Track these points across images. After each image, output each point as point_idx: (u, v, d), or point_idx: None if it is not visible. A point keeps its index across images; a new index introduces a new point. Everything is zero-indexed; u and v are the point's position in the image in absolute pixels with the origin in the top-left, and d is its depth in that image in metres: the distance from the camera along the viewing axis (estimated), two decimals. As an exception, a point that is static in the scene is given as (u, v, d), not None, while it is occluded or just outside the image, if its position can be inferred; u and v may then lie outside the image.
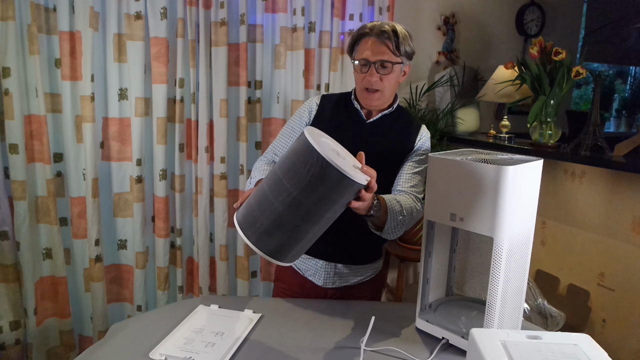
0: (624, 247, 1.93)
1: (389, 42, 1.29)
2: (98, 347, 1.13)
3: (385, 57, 1.30)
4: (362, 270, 1.49)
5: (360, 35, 1.33)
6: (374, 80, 1.32)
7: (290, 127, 1.47)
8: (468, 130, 2.81)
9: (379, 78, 1.32)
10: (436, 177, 1.12)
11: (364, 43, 1.33)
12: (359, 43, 1.34)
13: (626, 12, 3.55)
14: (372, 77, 1.31)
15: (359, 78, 1.36)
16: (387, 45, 1.29)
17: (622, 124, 4.80)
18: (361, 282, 1.49)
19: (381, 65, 1.31)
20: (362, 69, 1.33)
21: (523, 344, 0.81)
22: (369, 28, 1.32)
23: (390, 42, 1.29)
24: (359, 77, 1.35)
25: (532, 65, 2.16)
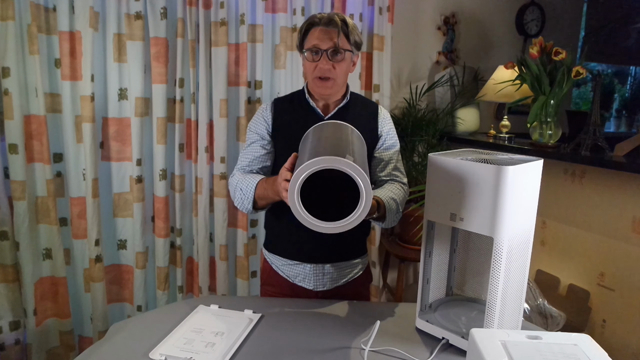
0: (624, 247, 1.92)
1: (337, 30, 1.30)
2: (98, 347, 1.13)
3: (334, 45, 1.31)
4: (350, 269, 1.49)
5: (310, 25, 1.33)
6: (326, 68, 1.31)
7: (250, 138, 1.43)
8: (468, 130, 2.81)
9: (331, 66, 1.32)
10: (436, 177, 1.12)
11: (313, 32, 1.32)
12: (308, 33, 1.34)
13: (626, 12, 3.55)
14: (325, 65, 1.31)
15: (310, 67, 1.34)
16: (335, 33, 1.30)
17: (622, 124, 4.80)
18: (351, 280, 1.49)
19: (333, 52, 1.31)
20: (313, 58, 1.32)
21: (523, 344, 0.81)
22: (318, 18, 1.32)
23: (340, 31, 1.30)
24: (311, 67, 1.34)
25: (532, 65, 2.16)
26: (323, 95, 1.38)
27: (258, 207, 1.35)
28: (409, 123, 2.61)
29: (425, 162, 2.52)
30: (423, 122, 2.64)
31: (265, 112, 1.43)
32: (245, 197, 1.32)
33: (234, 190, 1.37)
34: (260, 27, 2.27)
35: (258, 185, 1.31)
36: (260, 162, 1.42)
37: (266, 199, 1.30)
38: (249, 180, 1.33)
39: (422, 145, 2.67)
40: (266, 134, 1.42)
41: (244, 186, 1.33)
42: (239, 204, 1.36)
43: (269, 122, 1.42)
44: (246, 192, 1.32)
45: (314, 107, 1.41)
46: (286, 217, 1.43)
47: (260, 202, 1.33)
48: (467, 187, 1.05)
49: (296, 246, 1.43)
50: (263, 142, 1.41)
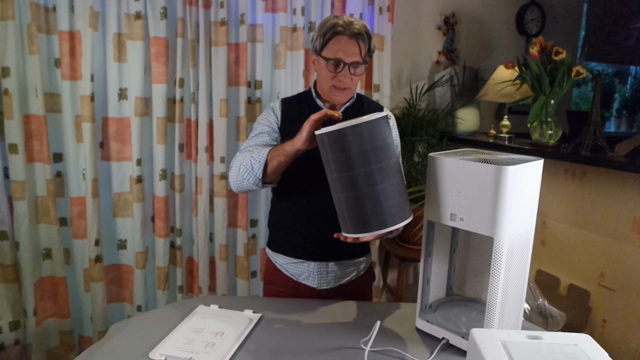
0: (624, 247, 1.92)
1: (362, 43, 1.29)
2: (98, 347, 1.13)
3: (359, 59, 1.30)
4: (353, 267, 1.49)
5: (334, 33, 1.29)
6: (346, 81, 1.32)
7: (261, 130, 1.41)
8: (468, 130, 2.81)
9: (350, 78, 1.32)
10: (436, 177, 1.12)
11: (337, 41, 1.29)
12: (331, 40, 1.30)
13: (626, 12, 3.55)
14: (346, 78, 1.31)
15: (328, 76, 1.33)
16: (360, 47, 1.29)
17: (622, 123, 4.80)
18: (354, 278, 1.50)
19: (353, 65, 1.31)
20: (334, 69, 1.31)
21: (523, 344, 0.81)
22: (341, 26, 1.28)
23: (363, 43, 1.29)
24: (328, 75, 1.33)
25: (533, 65, 2.16)
26: (337, 102, 1.40)
27: (268, 173, 1.27)
28: (409, 123, 2.61)
29: (425, 162, 2.52)
30: (423, 122, 2.64)
31: (275, 108, 1.44)
32: (256, 161, 1.25)
33: (240, 164, 1.30)
34: (260, 27, 2.27)
35: (272, 149, 1.26)
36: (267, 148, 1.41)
37: (279, 156, 1.23)
38: (261, 148, 1.29)
39: (422, 145, 2.67)
40: (276, 127, 1.42)
41: (255, 153, 1.27)
42: (248, 171, 1.27)
43: (278, 119, 1.43)
44: (258, 157, 1.26)
45: (321, 106, 1.42)
46: (290, 215, 1.43)
47: (272, 164, 1.25)
48: (467, 187, 1.05)
49: (300, 244, 1.44)
50: (272, 134, 1.41)
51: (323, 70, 1.34)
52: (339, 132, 1.02)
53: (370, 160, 1.03)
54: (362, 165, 1.03)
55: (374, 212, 1.05)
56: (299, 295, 1.47)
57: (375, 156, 1.03)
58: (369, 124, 1.02)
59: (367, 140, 1.02)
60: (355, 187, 1.04)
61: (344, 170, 1.04)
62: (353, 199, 1.05)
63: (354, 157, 1.03)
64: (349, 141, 1.02)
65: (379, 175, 1.04)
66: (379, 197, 1.04)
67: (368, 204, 1.05)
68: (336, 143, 1.03)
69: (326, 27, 1.30)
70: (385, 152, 1.05)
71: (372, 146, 1.03)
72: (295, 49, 2.33)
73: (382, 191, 1.04)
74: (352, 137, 1.02)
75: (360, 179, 1.04)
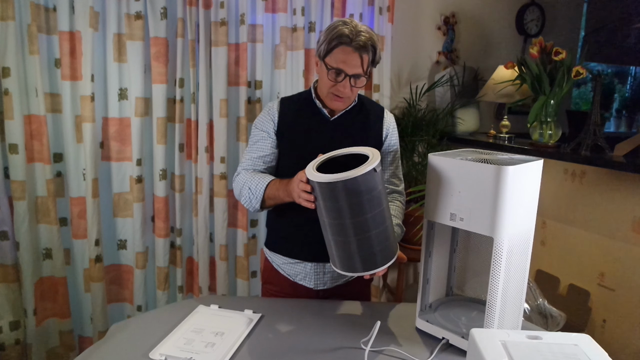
0: (624, 247, 1.92)
1: (366, 56, 1.28)
2: (98, 347, 1.13)
3: (361, 71, 1.29)
4: None
5: (340, 42, 1.26)
6: (346, 92, 1.32)
7: (257, 136, 1.43)
8: (468, 130, 2.81)
9: (350, 89, 1.32)
10: (436, 177, 1.12)
11: (341, 51, 1.27)
12: (336, 48, 1.27)
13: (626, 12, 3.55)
14: (345, 89, 1.31)
15: (328, 83, 1.32)
16: (363, 59, 1.28)
17: (622, 123, 4.80)
18: (351, 279, 1.49)
19: (355, 77, 1.30)
20: (336, 78, 1.30)
21: (523, 344, 0.81)
22: (348, 36, 1.25)
23: (367, 56, 1.28)
24: (329, 83, 1.32)
25: (532, 65, 2.16)
26: (334, 109, 1.40)
27: (265, 206, 1.36)
28: (409, 123, 2.61)
29: (425, 162, 2.52)
30: (423, 122, 2.64)
31: (272, 110, 1.43)
32: (254, 197, 1.32)
33: (240, 189, 1.37)
34: (260, 27, 2.27)
35: (269, 186, 1.31)
36: (265, 162, 1.42)
37: (276, 199, 1.30)
38: (259, 180, 1.33)
39: (422, 145, 2.67)
40: (272, 132, 1.41)
41: (253, 185, 1.33)
42: (246, 202, 1.36)
43: (275, 121, 1.42)
44: (255, 191, 1.32)
45: (320, 108, 1.41)
46: (288, 215, 1.43)
47: (269, 202, 1.33)
48: (467, 187, 1.05)
49: (297, 245, 1.43)
50: (269, 141, 1.41)
51: (324, 77, 1.33)
52: (331, 186, 1.02)
53: (362, 211, 1.04)
54: (353, 216, 1.04)
55: (361, 257, 1.09)
56: (296, 295, 1.46)
57: (366, 207, 1.04)
58: (362, 177, 1.01)
59: (359, 193, 1.02)
60: (344, 235, 1.07)
61: (335, 218, 1.06)
62: (342, 244, 1.09)
63: (345, 208, 1.03)
64: (341, 193, 1.02)
65: (368, 224, 1.05)
66: (368, 243, 1.07)
67: (356, 250, 1.08)
68: (328, 192, 1.04)
69: (333, 34, 1.27)
70: (376, 202, 1.05)
71: (364, 198, 1.03)
72: (295, 49, 2.33)
73: (370, 238, 1.07)
74: (343, 190, 1.02)
75: (349, 228, 1.05)
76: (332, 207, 1.05)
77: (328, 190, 1.03)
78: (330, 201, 1.04)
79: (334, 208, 1.04)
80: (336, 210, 1.04)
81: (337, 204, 1.03)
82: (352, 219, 1.04)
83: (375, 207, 1.05)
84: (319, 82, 1.40)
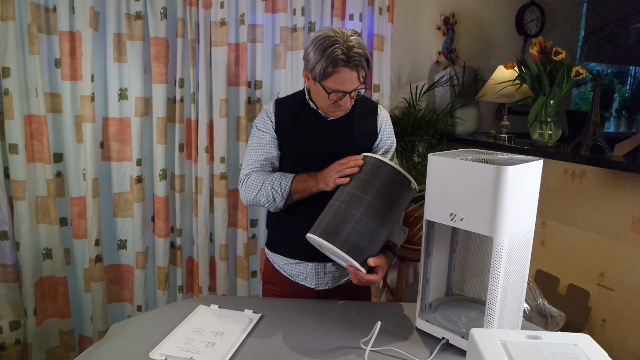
0: (624, 247, 1.93)
1: (362, 71, 1.30)
2: (98, 347, 1.13)
3: (358, 85, 1.31)
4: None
5: (336, 64, 1.24)
6: (347, 106, 1.35)
7: (260, 137, 1.43)
8: (468, 130, 2.81)
9: (349, 101, 1.34)
10: (436, 177, 1.12)
11: (339, 74, 1.26)
12: (334, 73, 1.26)
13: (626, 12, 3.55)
14: (346, 104, 1.33)
15: (327, 102, 1.32)
16: (360, 74, 1.30)
17: (622, 124, 4.80)
18: None
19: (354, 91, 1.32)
20: (337, 97, 1.30)
21: (523, 344, 0.81)
22: (343, 59, 1.23)
23: (363, 71, 1.30)
24: (328, 102, 1.32)
25: (532, 65, 2.16)
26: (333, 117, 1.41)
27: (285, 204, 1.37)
28: (409, 123, 2.61)
29: (425, 162, 2.52)
30: (423, 122, 2.64)
31: (269, 112, 1.44)
32: (279, 194, 1.33)
33: (258, 190, 1.35)
34: (260, 27, 2.27)
35: (294, 180, 1.33)
36: (272, 163, 1.43)
37: (302, 192, 1.33)
38: (282, 177, 1.34)
39: (422, 145, 2.67)
40: (273, 131, 1.42)
41: (277, 183, 1.33)
42: (268, 201, 1.35)
43: (273, 122, 1.42)
44: (281, 188, 1.33)
45: (314, 109, 1.41)
46: (288, 216, 1.43)
47: (293, 197, 1.35)
48: (467, 187, 1.05)
49: (298, 245, 1.43)
50: (273, 141, 1.42)
51: (321, 93, 1.32)
52: (385, 167, 1.20)
53: (383, 201, 1.17)
54: (375, 198, 1.16)
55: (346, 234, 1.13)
56: (298, 295, 1.46)
57: (388, 201, 1.17)
58: (400, 176, 1.20)
59: (395, 188, 1.19)
60: (354, 206, 1.15)
61: (361, 189, 1.17)
62: (343, 212, 1.15)
63: (376, 188, 1.17)
64: (386, 177, 1.18)
65: (378, 215, 1.15)
66: (362, 227, 1.14)
67: (350, 224, 1.14)
68: (375, 169, 1.19)
69: (327, 59, 1.24)
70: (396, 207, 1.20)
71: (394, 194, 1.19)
72: (295, 49, 2.33)
73: (368, 226, 1.14)
74: (390, 176, 1.18)
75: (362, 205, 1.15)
76: (366, 181, 1.18)
77: (378, 168, 1.19)
78: (371, 176, 1.18)
79: (368, 182, 1.17)
80: (368, 185, 1.17)
81: (374, 182, 1.17)
82: (372, 199, 1.16)
83: (393, 209, 1.19)
84: (315, 98, 1.39)
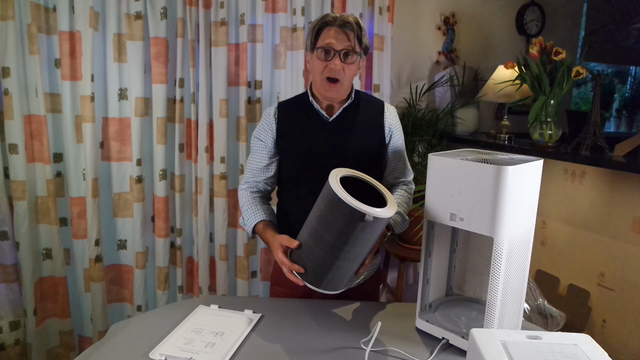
0: (624, 247, 1.92)
1: (352, 33, 1.30)
2: (98, 347, 1.13)
3: (349, 46, 1.30)
4: None
5: (324, 24, 1.31)
6: (337, 69, 1.30)
7: (258, 146, 1.45)
8: (468, 130, 2.81)
9: (341, 67, 1.31)
10: (436, 177, 1.12)
11: (327, 31, 1.31)
12: (322, 31, 1.32)
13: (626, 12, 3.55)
14: (336, 66, 1.30)
15: (319, 67, 1.33)
16: (349, 36, 1.30)
17: (622, 124, 4.80)
18: (360, 283, 1.48)
19: (345, 54, 1.31)
20: (325, 57, 1.31)
21: (523, 344, 0.81)
22: (332, 17, 1.31)
23: (353, 33, 1.30)
24: (320, 66, 1.32)
25: (532, 65, 2.16)
26: (329, 97, 1.38)
27: None
28: (409, 123, 2.61)
29: (425, 162, 2.52)
30: (423, 122, 2.64)
31: (270, 117, 1.44)
32: (246, 227, 1.42)
33: (241, 208, 1.45)
34: (260, 27, 2.27)
35: (257, 227, 1.39)
36: (264, 172, 1.45)
37: (263, 238, 1.39)
38: (251, 215, 1.40)
39: (422, 145, 2.67)
40: (271, 141, 1.42)
41: (246, 217, 1.42)
42: (243, 225, 1.45)
43: (274, 129, 1.42)
44: (247, 224, 1.41)
45: (317, 109, 1.40)
46: (294, 219, 1.43)
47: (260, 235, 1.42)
48: (467, 187, 1.05)
49: None
50: (267, 151, 1.43)
51: (315, 63, 1.34)
52: (342, 204, 1.01)
53: (344, 240, 1.06)
54: (334, 237, 1.06)
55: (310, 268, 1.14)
56: (306, 297, 1.45)
57: (350, 240, 1.06)
58: (377, 221, 1.04)
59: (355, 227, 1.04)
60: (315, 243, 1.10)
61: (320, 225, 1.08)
62: (308, 248, 1.13)
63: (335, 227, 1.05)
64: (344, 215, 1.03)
65: (340, 252, 1.08)
66: (326, 264, 1.11)
67: (314, 260, 1.12)
68: (334, 205, 1.04)
69: (315, 21, 1.34)
70: (359, 243, 1.08)
71: (355, 233, 1.05)
72: (295, 49, 2.33)
73: (333, 263, 1.10)
74: (347, 215, 1.02)
75: (324, 242, 1.08)
76: (326, 217, 1.06)
77: (336, 204, 1.03)
78: (329, 212, 1.06)
79: (327, 219, 1.06)
80: (327, 222, 1.06)
81: (333, 220, 1.05)
82: (332, 238, 1.06)
83: (357, 246, 1.08)
84: (312, 76, 1.40)
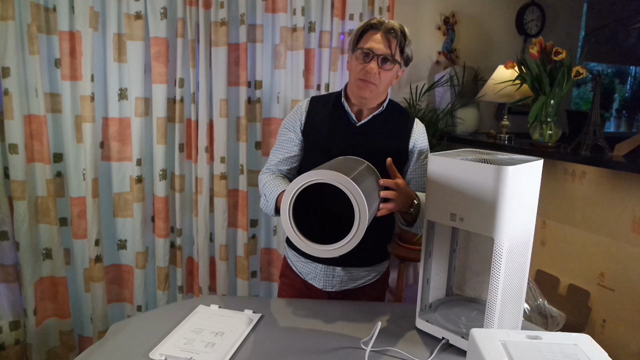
0: (624, 247, 1.92)
1: (395, 40, 1.30)
2: (98, 347, 1.13)
3: (389, 53, 1.30)
4: (362, 274, 1.48)
5: (369, 27, 1.32)
6: (373, 72, 1.30)
7: (285, 137, 1.45)
8: (468, 130, 2.81)
9: (378, 71, 1.31)
10: (436, 177, 1.12)
11: (370, 35, 1.31)
12: (365, 34, 1.32)
13: (626, 12, 3.55)
14: (372, 69, 1.30)
15: (357, 68, 1.33)
16: (392, 43, 1.30)
17: (622, 124, 4.81)
18: (363, 285, 1.48)
19: (383, 60, 1.31)
20: (364, 59, 1.31)
21: (523, 344, 0.81)
22: (378, 21, 1.31)
23: (396, 40, 1.30)
24: (357, 67, 1.32)
25: (532, 65, 2.16)
26: (361, 98, 1.36)
27: None
28: (409, 123, 2.61)
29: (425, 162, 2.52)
30: (423, 122, 2.63)
31: (301, 109, 1.44)
32: (269, 205, 1.34)
33: (261, 192, 1.41)
34: (260, 27, 2.27)
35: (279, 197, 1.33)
36: (289, 162, 1.44)
37: None
38: (273, 188, 1.33)
39: (422, 145, 2.67)
40: (299, 131, 1.43)
41: (268, 192, 1.34)
42: (264, 207, 1.38)
43: (302, 120, 1.43)
44: (269, 199, 1.33)
45: (348, 111, 1.40)
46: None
47: None
48: (467, 187, 1.05)
49: None
50: (296, 142, 1.43)
51: (353, 64, 1.34)
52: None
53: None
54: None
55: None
56: (307, 292, 1.48)
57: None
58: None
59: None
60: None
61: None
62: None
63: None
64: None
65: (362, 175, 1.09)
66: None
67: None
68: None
69: (362, 24, 1.34)
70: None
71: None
72: (295, 49, 2.33)
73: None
74: None
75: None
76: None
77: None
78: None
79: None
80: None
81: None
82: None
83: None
84: (349, 77, 1.39)
